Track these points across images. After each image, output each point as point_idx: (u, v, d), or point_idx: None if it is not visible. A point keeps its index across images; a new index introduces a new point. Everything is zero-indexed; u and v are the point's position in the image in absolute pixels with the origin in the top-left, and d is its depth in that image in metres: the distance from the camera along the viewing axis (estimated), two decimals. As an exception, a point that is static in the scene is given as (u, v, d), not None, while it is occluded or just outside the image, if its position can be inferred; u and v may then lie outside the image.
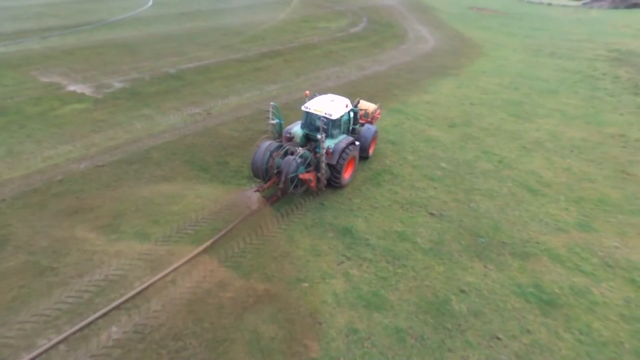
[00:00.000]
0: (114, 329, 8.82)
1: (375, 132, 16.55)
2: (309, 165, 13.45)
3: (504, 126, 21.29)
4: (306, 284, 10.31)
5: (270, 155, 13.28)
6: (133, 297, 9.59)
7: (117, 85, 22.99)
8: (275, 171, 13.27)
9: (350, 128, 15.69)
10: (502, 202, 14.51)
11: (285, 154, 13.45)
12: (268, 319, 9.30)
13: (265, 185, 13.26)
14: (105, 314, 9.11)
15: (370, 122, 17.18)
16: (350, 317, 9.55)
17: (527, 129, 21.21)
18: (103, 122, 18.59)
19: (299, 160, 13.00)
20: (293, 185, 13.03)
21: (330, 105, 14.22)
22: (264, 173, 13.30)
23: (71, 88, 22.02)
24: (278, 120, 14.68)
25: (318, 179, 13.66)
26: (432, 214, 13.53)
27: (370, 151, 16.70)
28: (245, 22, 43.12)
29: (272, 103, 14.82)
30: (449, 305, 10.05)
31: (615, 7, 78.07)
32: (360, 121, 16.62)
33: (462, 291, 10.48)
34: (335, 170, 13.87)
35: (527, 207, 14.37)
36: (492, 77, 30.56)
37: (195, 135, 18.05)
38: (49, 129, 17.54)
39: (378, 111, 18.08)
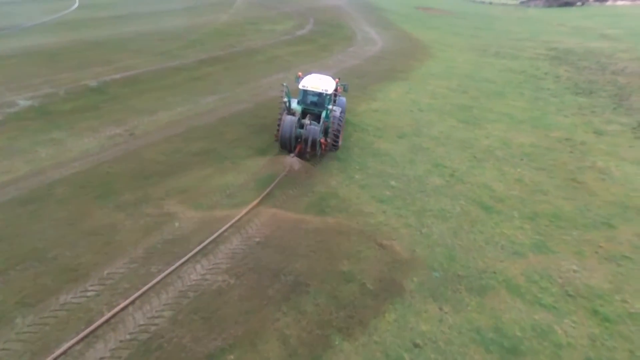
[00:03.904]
0: None
1: (345, 101, 19.07)
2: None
3: (454, 134, 20.50)
4: (232, 356, 8.50)
5: (295, 127, 15.87)
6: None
7: (23, 103, 19.86)
8: (302, 139, 16.03)
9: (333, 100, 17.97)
10: (455, 224, 13.44)
11: (302, 126, 16.17)
12: (181, 412, 7.43)
13: (296, 152, 16.11)
14: None
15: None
16: (285, 396, 7.90)
17: (477, 136, 20.55)
18: (-2, 151, 15.69)
19: (317, 128, 16.01)
20: (318, 147, 16.14)
21: (323, 83, 16.89)
22: (290, 142, 15.92)
23: (-37, 109, 18.72)
24: (288, 99, 16.78)
25: (327, 143, 16.67)
26: (381, 246, 12.15)
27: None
28: (185, 25, 40.26)
29: (284, 84, 17.30)
30: (401, 366, 8.66)
31: (550, 6, 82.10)
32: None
33: (416, 345, 9.11)
34: (336, 133, 16.79)
35: (481, 228, 13.39)
36: (440, 79, 30.07)
37: (113, 162, 15.60)
38: None
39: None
